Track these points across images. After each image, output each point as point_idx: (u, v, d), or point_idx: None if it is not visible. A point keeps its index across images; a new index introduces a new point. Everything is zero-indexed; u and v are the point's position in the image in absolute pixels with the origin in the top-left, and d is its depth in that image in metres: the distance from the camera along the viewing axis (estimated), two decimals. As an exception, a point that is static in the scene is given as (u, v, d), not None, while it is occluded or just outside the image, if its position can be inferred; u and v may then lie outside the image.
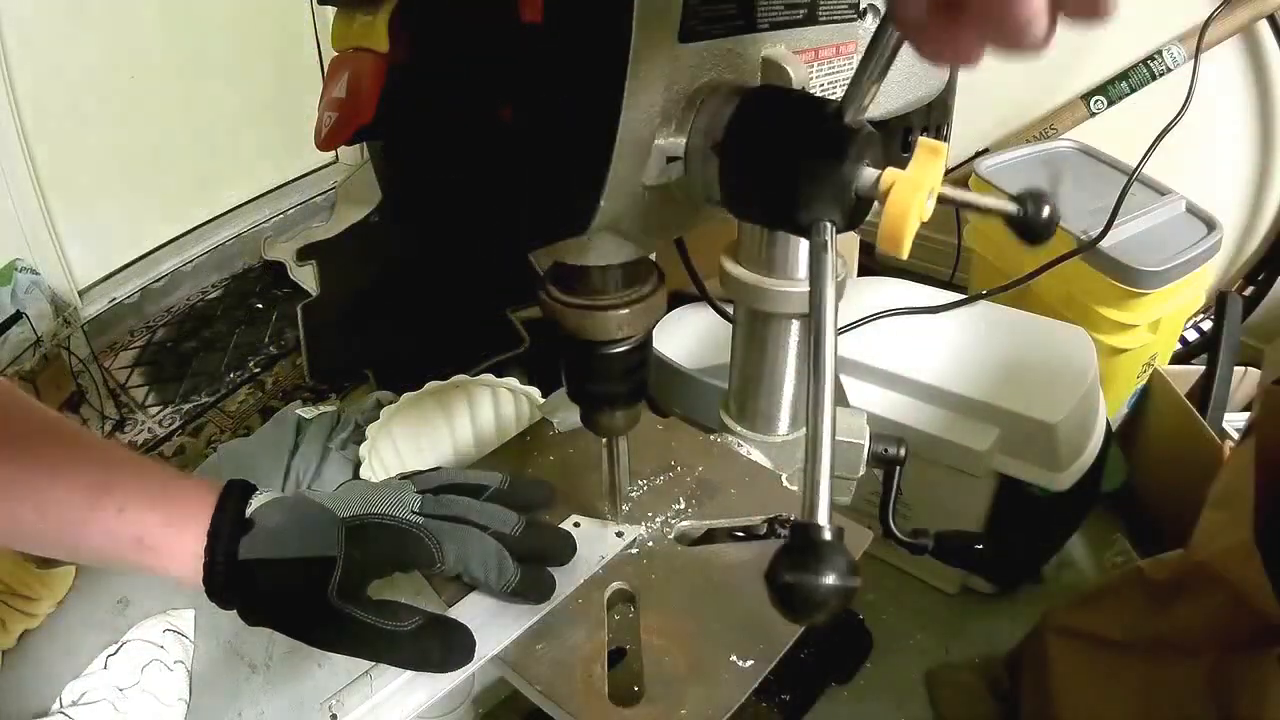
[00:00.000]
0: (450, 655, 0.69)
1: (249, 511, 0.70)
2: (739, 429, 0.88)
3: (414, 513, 0.72)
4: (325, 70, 0.46)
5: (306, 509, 0.71)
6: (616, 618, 0.76)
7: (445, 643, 0.70)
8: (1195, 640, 0.88)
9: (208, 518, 0.68)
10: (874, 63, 0.42)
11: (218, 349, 1.83)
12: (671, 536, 0.82)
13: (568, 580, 0.76)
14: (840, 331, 1.17)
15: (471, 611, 0.73)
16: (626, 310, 0.59)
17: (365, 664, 0.71)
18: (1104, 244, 1.32)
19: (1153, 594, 0.94)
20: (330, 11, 0.45)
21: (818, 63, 0.59)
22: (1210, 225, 1.41)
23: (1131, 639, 0.95)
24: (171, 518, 0.68)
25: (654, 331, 0.65)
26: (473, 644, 0.70)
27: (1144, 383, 1.47)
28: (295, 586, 0.68)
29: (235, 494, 0.71)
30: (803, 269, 0.70)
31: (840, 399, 1.16)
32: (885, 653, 1.19)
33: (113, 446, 0.72)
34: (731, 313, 0.81)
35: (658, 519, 0.83)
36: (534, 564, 0.75)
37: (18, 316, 1.51)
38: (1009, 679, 1.13)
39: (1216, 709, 0.84)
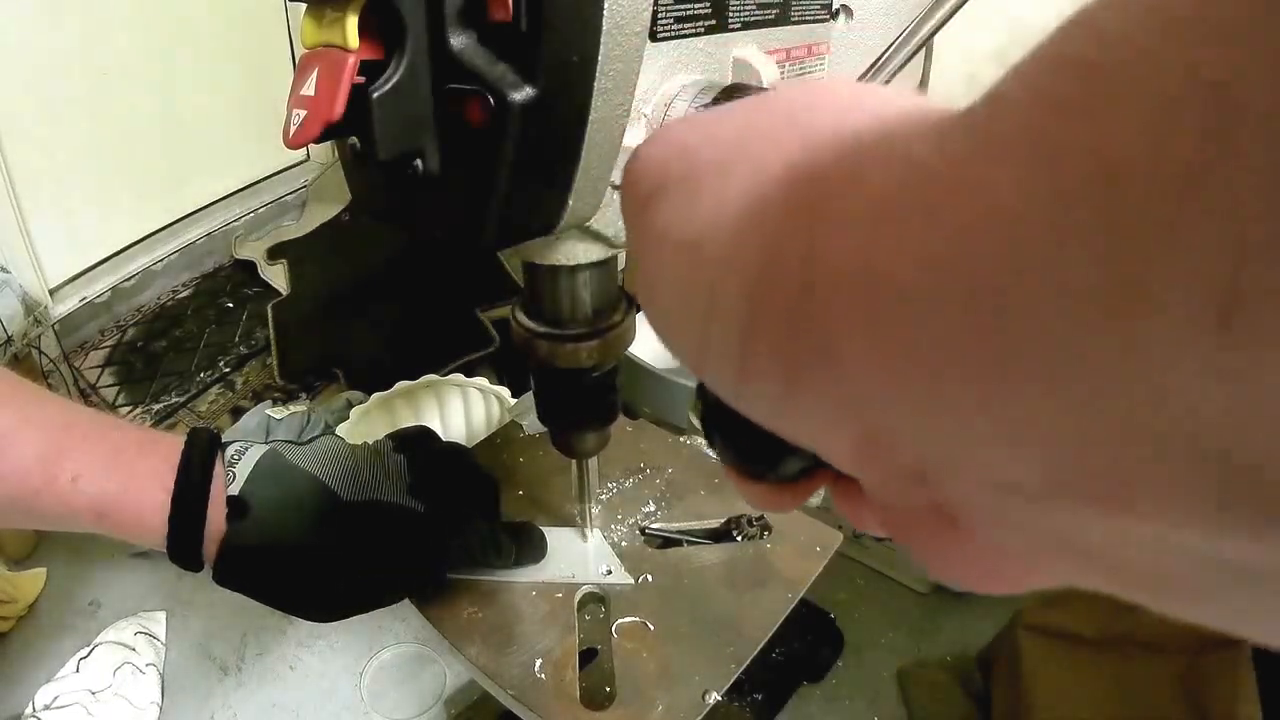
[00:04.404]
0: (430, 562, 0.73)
1: (238, 489, 0.68)
2: (709, 430, 0.88)
3: (414, 497, 0.71)
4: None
5: (307, 491, 0.69)
6: (587, 619, 0.76)
7: (424, 564, 0.72)
8: (1167, 638, 0.88)
9: (169, 486, 0.67)
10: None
11: (188, 349, 1.81)
12: (641, 539, 0.82)
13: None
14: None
15: None
16: (596, 341, 0.59)
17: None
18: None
19: (1124, 593, 0.95)
20: (302, 9, 0.45)
21: (789, 63, 0.59)
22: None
23: (1103, 637, 0.95)
24: (130, 485, 0.66)
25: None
26: (440, 549, 0.72)
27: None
28: (302, 575, 0.68)
29: (198, 458, 0.69)
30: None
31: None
32: (857, 652, 1.20)
33: (65, 407, 0.70)
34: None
35: (628, 521, 0.83)
36: (519, 530, 0.77)
37: (-13, 316, 1.51)
38: (981, 677, 1.13)
39: (1188, 706, 0.84)
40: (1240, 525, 0.14)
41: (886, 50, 0.59)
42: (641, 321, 0.62)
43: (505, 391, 1.26)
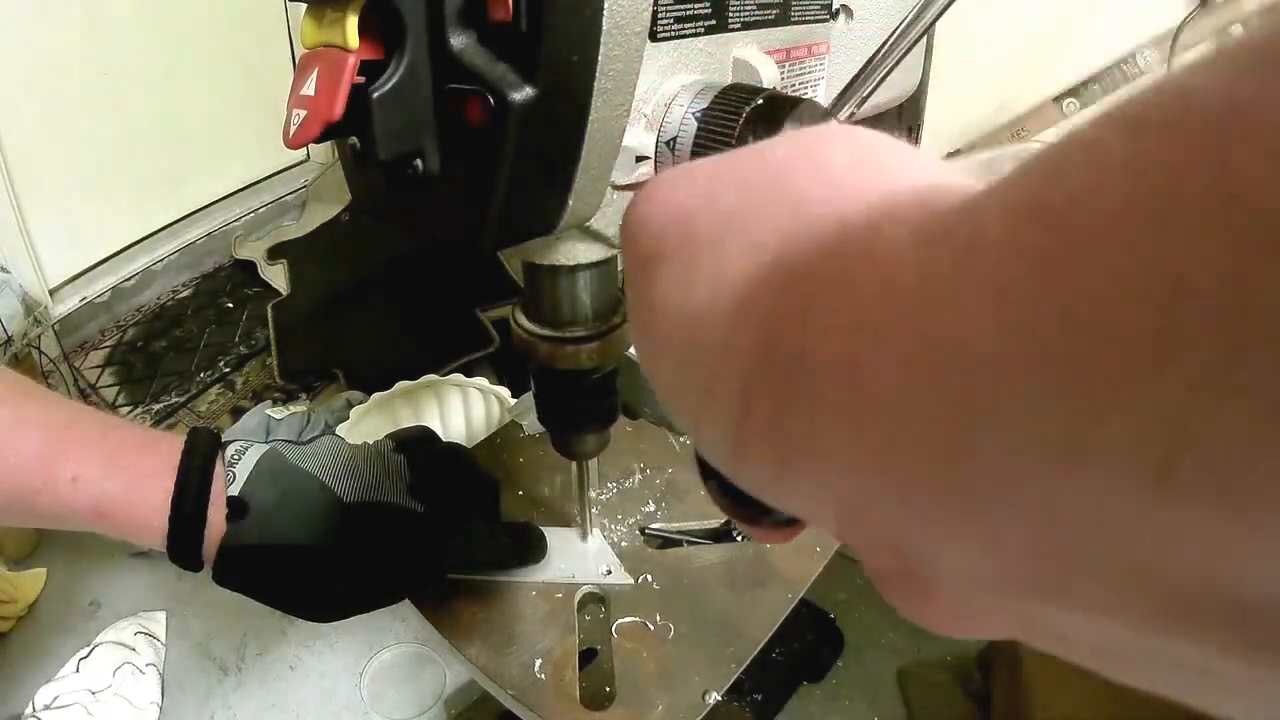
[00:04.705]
0: (430, 562, 0.72)
1: (238, 489, 0.68)
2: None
3: (414, 497, 0.71)
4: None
5: (307, 491, 0.69)
6: (587, 619, 0.76)
7: (424, 565, 0.72)
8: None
9: (169, 487, 0.67)
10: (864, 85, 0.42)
11: (188, 349, 1.81)
12: (641, 539, 0.82)
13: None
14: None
15: None
16: (596, 343, 0.59)
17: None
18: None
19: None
20: (302, 9, 0.45)
21: (789, 63, 0.59)
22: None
23: (1103, 637, 0.95)
24: (130, 486, 0.66)
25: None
26: (440, 550, 0.72)
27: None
28: (302, 575, 0.68)
29: (198, 458, 0.69)
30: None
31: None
32: (857, 651, 1.20)
33: (65, 406, 0.69)
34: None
35: (628, 521, 0.83)
36: (519, 530, 0.78)
37: (-13, 316, 1.50)
38: (981, 677, 1.13)
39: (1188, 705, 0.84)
40: (1168, 631, 0.16)
41: (884, 43, 0.59)
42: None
43: (505, 391, 1.26)
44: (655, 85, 0.48)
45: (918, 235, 0.20)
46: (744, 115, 0.46)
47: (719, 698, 0.68)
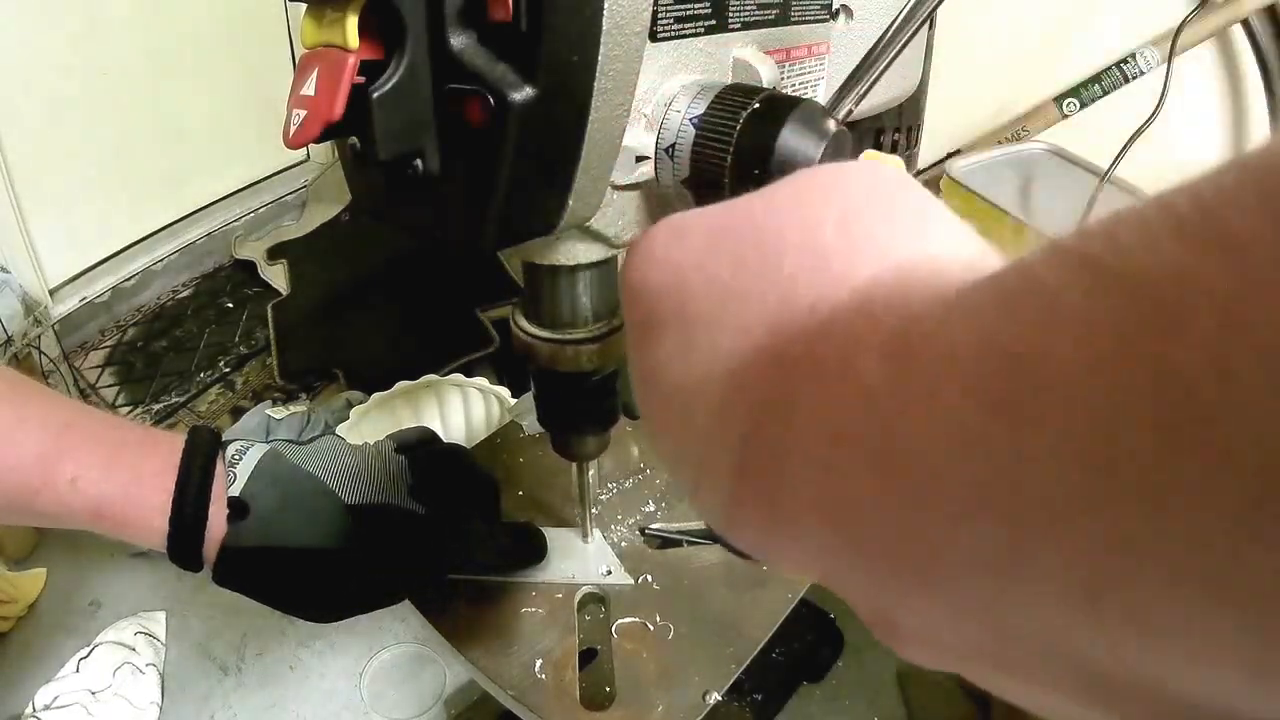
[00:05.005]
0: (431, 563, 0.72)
1: (239, 489, 0.68)
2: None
3: (416, 499, 0.71)
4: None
5: (308, 492, 0.69)
6: (587, 619, 0.76)
7: (425, 566, 0.72)
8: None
9: (169, 487, 0.66)
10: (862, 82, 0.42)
11: (188, 349, 1.81)
12: (641, 539, 0.82)
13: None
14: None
15: None
16: (596, 345, 0.59)
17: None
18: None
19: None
20: (302, 9, 0.45)
21: (789, 63, 0.59)
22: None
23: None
24: (130, 486, 0.66)
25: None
26: (440, 550, 0.72)
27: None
28: (303, 577, 0.68)
29: (199, 459, 0.68)
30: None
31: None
32: (857, 651, 1.19)
33: (64, 405, 0.69)
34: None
35: (627, 521, 0.83)
36: (519, 531, 0.78)
37: (-13, 316, 1.50)
38: (981, 678, 1.13)
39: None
40: (1113, 712, 0.20)
41: (880, 39, 0.59)
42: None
43: (505, 391, 1.25)
44: (655, 85, 0.48)
45: (890, 353, 0.22)
46: (740, 120, 0.46)
47: (719, 698, 0.68)
